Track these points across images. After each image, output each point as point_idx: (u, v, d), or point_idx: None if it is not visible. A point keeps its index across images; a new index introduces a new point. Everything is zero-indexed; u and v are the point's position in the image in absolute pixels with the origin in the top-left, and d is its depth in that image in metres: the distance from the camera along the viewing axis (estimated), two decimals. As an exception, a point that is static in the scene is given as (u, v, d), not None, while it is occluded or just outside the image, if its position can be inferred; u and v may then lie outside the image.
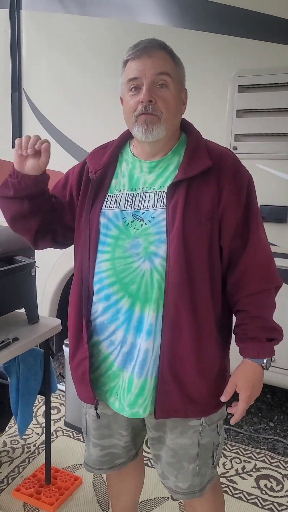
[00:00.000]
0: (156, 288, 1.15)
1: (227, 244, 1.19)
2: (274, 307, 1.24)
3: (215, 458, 1.35)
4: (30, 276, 1.77)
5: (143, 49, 1.15)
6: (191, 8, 2.22)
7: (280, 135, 2.13)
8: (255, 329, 1.20)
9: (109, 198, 1.25)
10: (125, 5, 2.40)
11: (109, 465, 1.43)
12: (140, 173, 1.24)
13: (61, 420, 2.54)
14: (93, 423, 1.39)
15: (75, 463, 2.19)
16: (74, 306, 1.28)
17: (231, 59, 2.17)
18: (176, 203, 1.14)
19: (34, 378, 1.89)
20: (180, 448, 1.29)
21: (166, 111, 1.16)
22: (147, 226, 1.17)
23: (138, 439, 1.45)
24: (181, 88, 1.22)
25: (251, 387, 1.22)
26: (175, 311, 1.15)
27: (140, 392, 1.20)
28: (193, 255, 1.14)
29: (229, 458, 2.27)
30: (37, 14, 2.71)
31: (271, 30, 2.06)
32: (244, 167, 1.22)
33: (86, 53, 2.58)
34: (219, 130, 2.18)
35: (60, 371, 3.09)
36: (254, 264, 1.19)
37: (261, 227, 1.23)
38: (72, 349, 1.30)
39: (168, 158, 1.22)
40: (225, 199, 1.16)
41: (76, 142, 2.66)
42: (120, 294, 1.18)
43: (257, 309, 1.20)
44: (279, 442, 2.45)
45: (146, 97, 1.14)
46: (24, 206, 1.27)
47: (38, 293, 1.88)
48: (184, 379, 1.19)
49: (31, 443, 2.34)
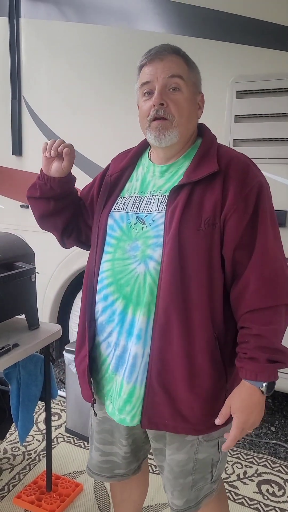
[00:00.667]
0: (148, 292, 1.14)
1: (230, 254, 1.12)
2: (282, 326, 1.12)
3: (214, 474, 1.30)
4: (30, 282, 1.77)
5: (155, 53, 1.16)
6: (189, 15, 2.24)
7: (278, 140, 2.14)
8: (255, 349, 1.08)
9: (119, 200, 1.26)
10: (124, 13, 2.42)
11: (108, 473, 1.41)
12: (152, 177, 1.24)
13: (62, 426, 2.54)
14: (96, 426, 1.39)
15: (76, 470, 2.18)
16: (83, 303, 1.30)
17: (229, 65, 2.19)
18: (176, 207, 1.12)
19: (35, 384, 1.89)
20: (176, 465, 1.26)
21: (179, 115, 1.15)
22: (147, 229, 1.17)
23: (141, 452, 1.42)
24: (196, 92, 1.21)
25: (246, 412, 1.11)
26: (166, 317, 1.12)
27: (129, 398, 1.18)
28: (189, 261, 1.11)
29: (230, 463, 2.26)
30: (36, 22, 2.73)
31: (269, 36, 2.07)
32: (256, 174, 1.15)
33: (85, 60, 2.60)
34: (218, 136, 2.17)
35: (60, 377, 3.09)
36: (259, 278, 1.09)
37: (271, 238, 1.12)
38: (77, 346, 1.32)
39: (180, 163, 1.21)
40: (229, 206, 1.10)
41: (76, 149, 2.66)
42: (116, 295, 1.19)
43: (259, 327, 1.09)
44: (281, 446, 2.44)
45: (157, 100, 1.14)
46: (51, 206, 1.36)
47: (39, 299, 1.88)
48: (173, 392, 1.15)
49: (32, 450, 2.33)
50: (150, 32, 2.34)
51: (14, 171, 2.95)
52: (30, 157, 2.88)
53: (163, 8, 2.30)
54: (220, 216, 1.11)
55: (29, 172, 2.89)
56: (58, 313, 2.96)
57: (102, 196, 1.30)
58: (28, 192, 1.40)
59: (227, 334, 1.17)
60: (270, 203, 1.17)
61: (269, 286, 1.10)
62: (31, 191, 1.39)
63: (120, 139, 1.35)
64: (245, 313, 1.11)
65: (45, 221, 1.42)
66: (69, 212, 1.39)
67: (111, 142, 1.41)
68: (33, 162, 2.88)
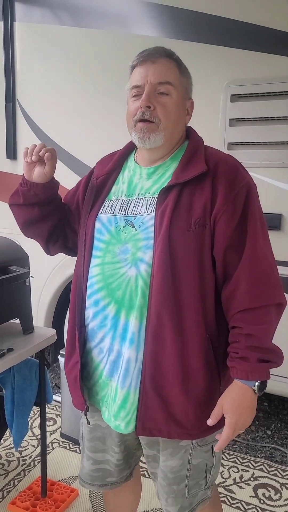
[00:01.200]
0: (140, 295, 1.13)
1: (220, 255, 1.12)
2: (272, 326, 1.12)
3: (209, 480, 1.28)
4: (25, 286, 1.76)
5: (147, 55, 1.16)
6: (184, 19, 2.25)
7: (273, 143, 2.15)
8: (246, 348, 1.08)
9: (106, 203, 1.25)
10: (119, 17, 2.43)
11: (100, 482, 1.38)
12: (139, 179, 1.23)
13: (57, 431, 2.52)
14: (87, 434, 1.37)
15: (72, 475, 2.17)
16: (72, 309, 1.28)
17: (223, 69, 2.20)
18: (165, 208, 1.11)
19: (30, 389, 1.87)
20: (169, 472, 1.24)
21: (165, 119, 1.15)
22: (136, 232, 1.16)
23: (132, 459, 1.40)
24: (185, 97, 1.21)
25: (238, 412, 1.10)
26: (158, 320, 1.11)
27: (123, 404, 1.17)
28: (180, 262, 1.10)
29: (226, 467, 2.25)
30: (31, 25, 2.73)
31: (263, 40, 2.09)
32: (244, 175, 1.15)
33: (80, 64, 2.60)
34: (212, 139, 2.19)
35: (56, 381, 3.07)
36: (250, 278, 1.09)
37: (260, 238, 1.13)
38: (67, 353, 1.30)
39: (167, 164, 1.21)
40: (219, 206, 1.10)
41: (70, 152, 2.67)
42: (107, 299, 1.17)
43: (250, 326, 1.08)
44: (277, 450, 2.43)
45: (144, 102, 1.14)
46: (35, 212, 1.32)
47: (33, 304, 1.87)
48: (167, 397, 1.14)
49: (27, 456, 2.31)
50: (144, 36, 2.34)
51: (9, 175, 2.95)
52: (25, 161, 2.88)
53: (157, 12, 2.31)
54: (210, 217, 1.10)
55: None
56: (53, 318, 2.94)
57: (88, 200, 1.28)
58: (11, 199, 1.35)
59: (220, 335, 1.16)
60: (258, 203, 1.17)
61: (260, 286, 1.10)
62: (13, 198, 1.34)
63: (115, 143, 1.35)
64: (236, 313, 1.11)
65: (30, 228, 1.37)
66: (54, 218, 1.35)
67: (106, 146, 1.40)
68: (27, 165, 2.87)
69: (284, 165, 2.12)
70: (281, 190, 2.15)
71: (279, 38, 2.05)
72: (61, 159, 2.69)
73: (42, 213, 1.32)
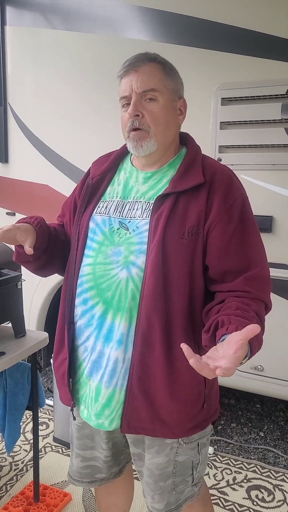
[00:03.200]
0: (130, 298, 1.14)
1: (215, 262, 1.13)
2: (264, 320, 1.11)
3: (195, 476, 1.30)
4: (16, 289, 1.75)
5: (129, 65, 1.17)
6: (175, 23, 2.26)
7: (263, 146, 2.17)
8: (256, 308, 1.06)
9: (101, 204, 1.27)
10: (109, 21, 2.44)
11: (89, 478, 1.40)
12: (135, 183, 1.25)
13: (49, 435, 2.50)
14: (76, 432, 1.39)
15: (65, 479, 2.15)
16: (62, 306, 1.29)
17: (213, 73, 2.21)
18: (160, 215, 1.14)
19: (22, 393, 1.86)
20: (155, 468, 1.26)
21: (154, 124, 1.17)
22: (130, 235, 1.18)
23: (122, 457, 1.42)
24: (174, 98, 1.21)
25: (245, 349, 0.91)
26: (148, 324, 1.12)
27: (108, 402, 1.18)
28: (172, 268, 1.12)
29: (219, 469, 2.26)
30: (22, 29, 2.73)
31: (252, 44, 2.11)
32: (239, 187, 1.18)
33: (71, 67, 2.61)
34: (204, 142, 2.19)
35: (48, 385, 3.06)
36: (250, 280, 1.11)
37: (260, 244, 1.17)
38: (56, 349, 1.31)
39: (164, 171, 1.23)
40: (213, 216, 1.12)
41: (62, 155, 2.67)
42: (96, 299, 1.19)
43: (260, 293, 1.09)
44: (270, 451, 2.44)
45: (131, 112, 1.16)
46: (42, 260, 1.31)
47: (26, 307, 1.86)
48: (153, 397, 1.16)
49: (19, 460, 2.30)
50: (135, 40, 2.35)
51: (1, 179, 2.94)
52: (17, 165, 2.87)
53: (148, 17, 2.33)
54: (204, 226, 1.13)
55: (16, 179, 2.88)
56: (45, 321, 2.93)
57: (83, 199, 1.29)
58: (15, 257, 1.33)
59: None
60: (252, 212, 1.20)
61: (260, 284, 1.12)
62: (17, 257, 1.32)
63: (106, 146, 1.35)
64: (237, 290, 1.09)
65: (43, 272, 1.38)
66: (60, 251, 1.34)
67: (97, 149, 1.41)
68: (19, 169, 2.87)
69: (275, 168, 2.14)
70: (272, 192, 2.16)
71: (268, 42, 2.07)
72: (53, 162, 2.72)
73: (47, 257, 1.32)
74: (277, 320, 2.20)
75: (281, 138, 2.10)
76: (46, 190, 2.74)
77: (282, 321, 2.20)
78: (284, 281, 2.17)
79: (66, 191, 2.62)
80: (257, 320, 1.03)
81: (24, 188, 2.85)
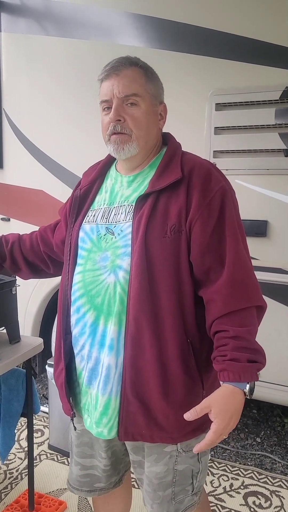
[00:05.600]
0: (118, 302, 1.14)
1: (198, 260, 1.12)
2: (255, 328, 1.12)
3: (195, 486, 1.27)
4: (11, 295, 1.74)
5: (110, 69, 1.17)
6: (169, 30, 2.28)
7: (257, 151, 2.18)
8: (235, 350, 1.06)
9: (90, 213, 1.27)
10: (104, 27, 2.45)
11: (88, 487, 1.38)
12: (120, 188, 1.25)
13: (45, 443, 2.48)
14: (75, 440, 1.37)
15: (60, 488, 2.13)
16: (58, 316, 1.29)
17: (208, 79, 2.22)
18: (142, 215, 1.13)
19: (16, 400, 1.84)
20: (154, 477, 1.24)
21: (136, 129, 1.17)
22: (116, 239, 1.18)
23: (121, 465, 1.40)
24: (155, 103, 1.21)
25: (228, 417, 1.04)
26: (136, 326, 1.11)
27: (105, 410, 1.17)
28: (156, 268, 1.11)
29: (216, 475, 2.24)
30: (16, 36, 2.74)
31: (246, 51, 2.12)
32: (219, 180, 1.15)
33: (65, 74, 2.61)
34: (198, 147, 2.22)
35: (43, 392, 3.03)
36: (232, 281, 1.10)
37: (239, 242, 1.14)
38: (55, 359, 1.30)
39: (145, 172, 1.23)
40: (194, 212, 1.11)
41: (57, 161, 2.68)
42: (87, 306, 1.19)
43: (236, 328, 1.07)
44: (267, 457, 2.43)
45: (113, 116, 1.16)
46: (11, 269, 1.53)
47: (21, 313, 1.85)
48: (148, 402, 1.14)
49: (14, 468, 2.27)
50: (129, 46, 2.36)
51: (-5, 184, 2.94)
52: (11, 170, 2.87)
53: (142, 23, 2.34)
54: (186, 223, 1.11)
55: (10, 185, 2.87)
56: (41, 327, 2.92)
57: (72, 210, 1.30)
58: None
59: (202, 339, 1.16)
60: (236, 207, 1.18)
61: (242, 289, 1.10)
62: None
63: (101, 152, 1.35)
64: (220, 317, 1.10)
65: (27, 275, 1.55)
66: (31, 256, 1.50)
67: (92, 155, 1.41)
68: (14, 175, 2.86)
69: (269, 172, 2.15)
70: (266, 197, 2.17)
71: (262, 48, 2.09)
72: (47, 167, 2.72)
73: (14, 267, 1.52)
74: (273, 325, 2.19)
75: (275, 143, 2.12)
76: (41, 195, 2.74)
77: (278, 326, 2.20)
78: (279, 285, 2.17)
79: (60, 196, 2.61)
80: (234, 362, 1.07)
81: (19, 193, 2.85)
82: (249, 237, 1.22)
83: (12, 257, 1.49)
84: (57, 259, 1.47)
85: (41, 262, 1.50)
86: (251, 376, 1.07)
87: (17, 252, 1.49)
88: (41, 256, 1.49)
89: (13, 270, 1.53)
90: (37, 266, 1.52)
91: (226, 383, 1.07)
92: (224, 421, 1.04)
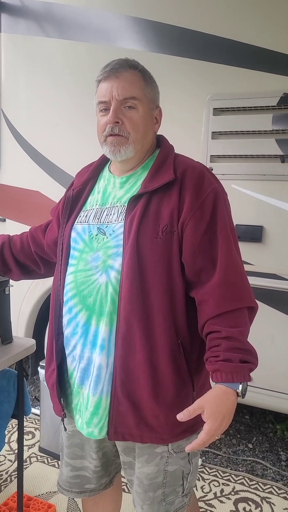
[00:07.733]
0: (109, 302, 1.14)
1: (190, 261, 1.13)
2: (247, 329, 1.12)
3: (185, 487, 1.27)
4: (4, 295, 1.73)
5: (110, 70, 1.18)
6: (168, 34, 2.28)
7: (254, 157, 2.18)
8: (227, 350, 1.06)
9: (82, 213, 1.27)
10: (103, 30, 2.46)
11: (78, 488, 1.38)
12: (112, 189, 1.26)
13: (35, 445, 2.46)
14: (66, 441, 1.37)
15: (49, 490, 2.11)
16: (51, 316, 1.29)
17: (205, 83, 2.23)
18: (134, 216, 1.14)
19: (7, 401, 1.83)
20: (145, 478, 1.23)
21: (134, 132, 1.17)
22: (107, 240, 1.18)
23: (112, 467, 1.40)
24: (152, 107, 1.22)
25: (221, 418, 1.04)
26: (127, 326, 1.12)
27: (95, 410, 1.17)
28: (148, 268, 1.11)
29: (207, 481, 2.23)
30: (16, 37, 2.74)
31: (244, 56, 2.13)
32: (210, 182, 1.16)
33: (64, 75, 2.62)
34: (195, 151, 2.23)
35: (35, 394, 3.01)
36: (224, 282, 1.10)
37: (231, 243, 1.15)
38: (47, 360, 1.31)
39: (138, 174, 1.23)
40: (186, 213, 1.11)
41: (54, 162, 2.67)
42: (79, 307, 1.19)
43: (228, 329, 1.08)
44: (258, 464, 2.42)
45: (112, 118, 1.16)
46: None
47: (14, 314, 1.84)
48: (138, 402, 1.14)
49: (3, 471, 2.25)
50: (128, 49, 2.37)
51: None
52: (9, 171, 2.86)
53: (141, 27, 2.35)
54: (178, 224, 1.12)
55: (8, 185, 2.86)
56: (34, 328, 2.91)
57: (65, 211, 1.31)
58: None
59: (193, 340, 1.16)
60: (228, 209, 1.19)
61: (234, 289, 1.11)
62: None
63: (98, 154, 1.36)
64: (212, 317, 1.10)
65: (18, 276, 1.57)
66: (21, 257, 1.50)
67: (89, 156, 1.42)
68: (11, 175, 2.86)
69: (265, 178, 2.16)
70: (262, 202, 2.17)
71: (260, 54, 2.10)
72: (44, 168, 2.72)
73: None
74: (267, 330, 2.19)
75: (271, 148, 2.12)
76: (37, 196, 2.73)
77: (271, 331, 2.20)
78: (274, 291, 2.17)
79: (57, 197, 2.59)
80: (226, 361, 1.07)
81: (15, 194, 2.84)
82: (244, 242, 1.23)
83: (2, 258, 1.49)
84: (48, 259, 1.47)
85: (31, 263, 1.50)
86: (244, 376, 1.07)
87: (7, 253, 1.49)
88: (31, 257, 1.49)
89: (3, 271, 1.52)
90: (28, 266, 1.51)
91: (219, 383, 1.07)
92: (217, 421, 1.04)
